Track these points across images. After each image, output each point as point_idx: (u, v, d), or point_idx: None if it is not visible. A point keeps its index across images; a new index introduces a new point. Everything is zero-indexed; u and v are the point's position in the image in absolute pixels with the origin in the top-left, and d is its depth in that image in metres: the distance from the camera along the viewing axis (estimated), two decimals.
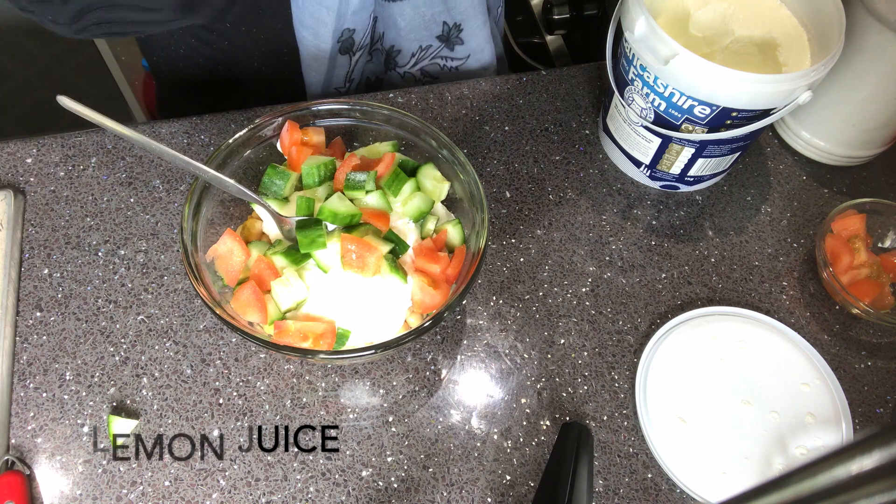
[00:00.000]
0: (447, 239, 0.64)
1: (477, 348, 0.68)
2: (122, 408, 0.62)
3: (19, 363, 0.64)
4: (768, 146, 0.85)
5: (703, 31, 0.71)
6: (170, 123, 0.79)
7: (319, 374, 0.65)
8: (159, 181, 0.75)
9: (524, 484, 0.61)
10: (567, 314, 0.70)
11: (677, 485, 0.61)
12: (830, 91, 0.76)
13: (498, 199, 0.77)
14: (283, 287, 0.57)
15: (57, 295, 0.67)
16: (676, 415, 0.63)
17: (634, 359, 0.68)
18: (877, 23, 0.68)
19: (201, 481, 0.59)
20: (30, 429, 0.61)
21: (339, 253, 0.58)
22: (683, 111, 0.67)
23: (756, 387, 0.65)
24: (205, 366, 0.65)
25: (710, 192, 0.80)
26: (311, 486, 0.60)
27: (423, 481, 0.61)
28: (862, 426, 0.66)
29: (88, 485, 0.59)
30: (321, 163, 0.62)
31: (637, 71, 0.68)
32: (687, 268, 0.75)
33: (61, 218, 0.72)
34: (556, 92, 0.86)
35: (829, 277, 0.70)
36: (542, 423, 0.64)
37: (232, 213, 0.64)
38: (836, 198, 0.81)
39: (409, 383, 0.65)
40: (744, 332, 0.68)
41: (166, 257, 0.70)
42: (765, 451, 0.62)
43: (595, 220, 0.77)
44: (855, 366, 0.69)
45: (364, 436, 0.62)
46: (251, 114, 0.80)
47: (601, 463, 0.62)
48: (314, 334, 0.56)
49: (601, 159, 0.82)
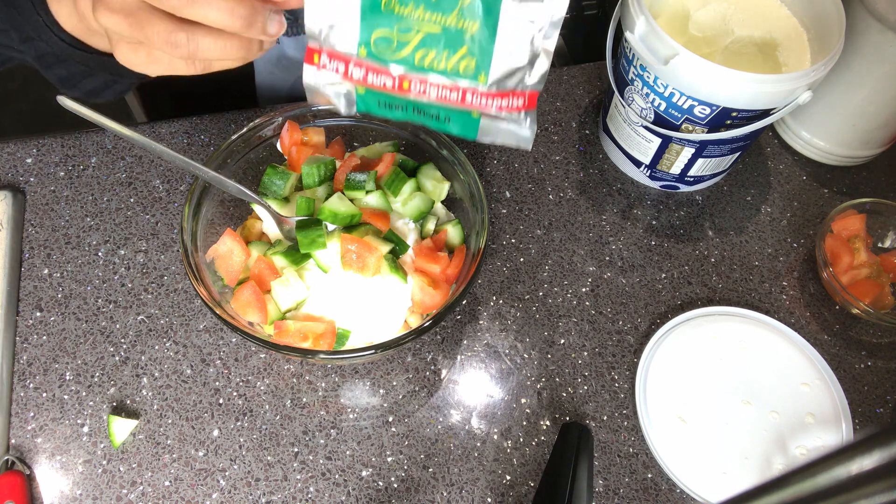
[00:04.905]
0: (447, 239, 0.64)
1: (477, 348, 0.68)
2: (122, 408, 0.62)
3: (19, 363, 0.64)
4: (768, 146, 0.85)
5: (703, 31, 0.71)
6: (170, 123, 0.79)
7: (319, 374, 0.65)
8: (159, 181, 0.75)
9: (524, 484, 0.61)
10: (567, 314, 0.70)
11: (677, 485, 0.61)
12: (830, 91, 0.76)
13: (498, 199, 0.77)
14: (283, 287, 0.57)
15: (57, 295, 0.67)
16: (676, 415, 0.63)
17: (634, 359, 0.68)
18: (877, 23, 0.68)
19: (201, 481, 0.59)
20: (30, 429, 0.61)
21: (339, 253, 0.58)
22: (683, 111, 0.67)
23: (756, 387, 0.65)
24: (205, 366, 0.65)
25: (710, 192, 0.80)
26: (311, 486, 0.60)
27: (423, 481, 0.61)
28: (862, 426, 0.66)
29: (88, 485, 0.59)
30: (321, 163, 0.62)
31: (637, 71, 0.68)
32: (687, 268, 0.75)
33: (61, 218, 0.72)
34: (556, 92, 0.86)
35: (829, 277, 0.70)
36: (542, 423, 0.64)
37: (232, 213, 0.64)
38: (836, 198, 0.81)
39: (409, 383, 0.65)
40: (744, 332, 0.68)
41: (166, 257, 0.70)
42: (765, 451, 0.62)
43: (595, 220, 0.77)
44: (855, 366, 0.69)
45: (364, 436, 0.62)
46: (251, 114, 0.80)
47: (601, 463, 0.62)
48: (314, 334, 0.56)
49: (601, 159, 0.82)
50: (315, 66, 0.45)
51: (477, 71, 0.44)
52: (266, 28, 0.40)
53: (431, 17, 0.41)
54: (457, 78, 0.44)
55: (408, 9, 0.41)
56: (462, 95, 0.45)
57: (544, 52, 0.43)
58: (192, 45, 0.40)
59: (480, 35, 0.42)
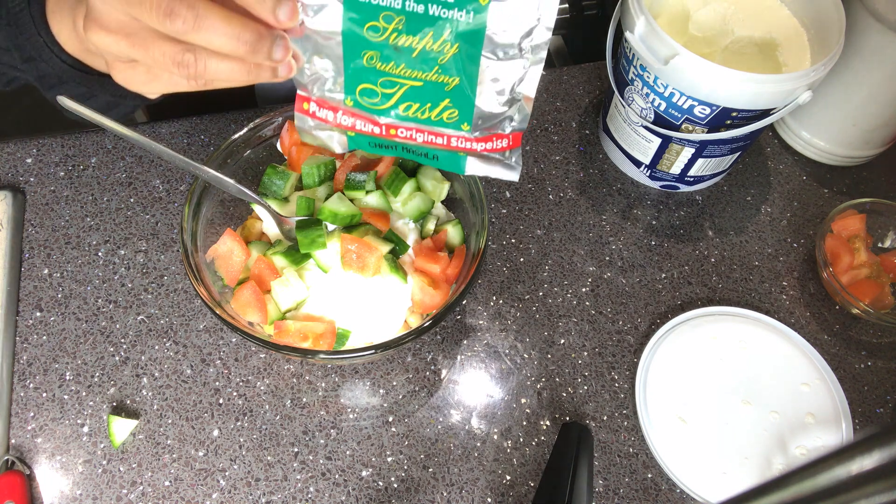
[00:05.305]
0: (447, 239, 0.64)
1: (477, 348, 0.68)
2: (122, 408, 0.62)
3: (19, 363, 0.64)
4: (768, 146, 0.85)
5: (703, 31, 0.71)
6: (170, 123, 0.79)
7: (319, 374, 0.65)
8: (159, 181, 0.75)
9: (524, 484, 0.61)
10: (567, 314, 0.70)
11: (677, 485, 0.61)
12: (830, 91, 0.76)
13: (498, 199, 0.77)
14: (283, 287, 0.57)
15: (57, 295, 0.67)
16: (676, 415, 0.63)
17: (634, 359, 0.68)
18: (877, 23, 0.68)
19: (201, 481, 0.59)
20: (30, 429, 0.61)
21: (339, 253, 0.58)
22: (683, 111, 0.67)
23: (756, 387, 0.65)
24: (205, 366, 0.65)
25: (710, 192, 0.80)
26: (311, 486, 0.60)
27: (423, 481, 0.61)
28: (862, 426, 0.66)
29: (88, 485, 0.59)
30: (321, 163, 0.62)
31: (637, 71, 0.68)
32: (687, 268, 0.75)
33: (61, 218, 0.72)
34: (556, 92, 0.86)
35: (829, 277, 0.70)
36: (542, 423, 0.64)
37: (232, 213, 0.64)
38: (836, 198, 0.81)
39: (409, 383, 0.65)
40: (744, 332, 0.68)
41: (166, 257, 0.70)
42: (765, 451, 0.62)
43: (595, 220, 0.77)
44: (855, 366, 0.69)
45: (364, 436, 0.62)
46: (251, 114, 0.80)
47: (601, 463, 0.62)
48: (314, 334, 0.56)
49: (601, 159, 0.82)
50: (305, 113, 0.46)
51: (461, 120, 0.45)
52: (272, 53, 0.39)
53: (412, 73, 0.42)
54: (441, 126, 0.45)
55: (389, 66, 0.42)
56: (448, 140, 0.46)
57: (524, 97, 0.44)
58: (199, 65, 0.39)
59: (461, 88, 0.43)
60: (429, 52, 0.41)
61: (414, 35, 0.40)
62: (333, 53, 0.42)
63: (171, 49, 0.39)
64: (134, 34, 0.40)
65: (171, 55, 0.39)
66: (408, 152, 0.48)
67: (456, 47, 0.40)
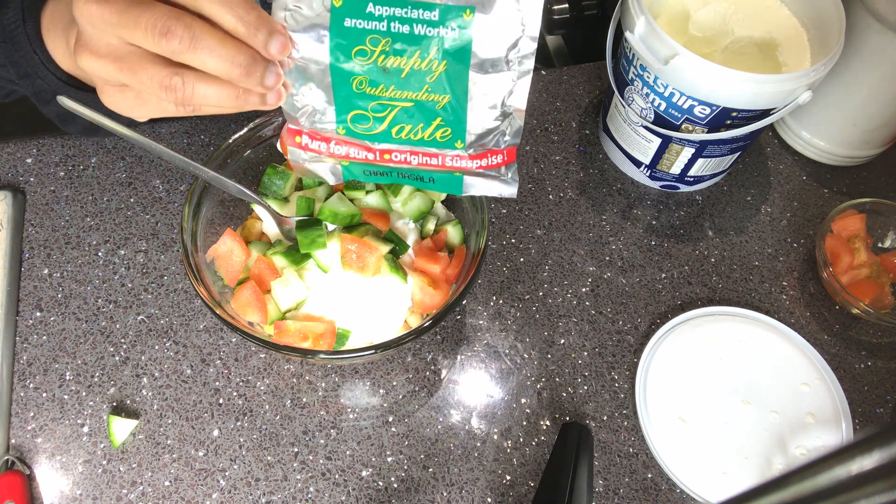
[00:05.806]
0: (447, 239, 0.64)
1: (477, 348, 0.68)
2: (122, 408, 0.62)
3: (19, 363, 0.64)
4: (768, 146, 0.85)
5: (703, 31, 0.71)
6: (170, 123, 0.79)
7: (319, 374, 0.65)
8: (159, 181, 0.75)
9: (524, 484, 0.61)
10: (567, 314, 0.70)
11: (677, 485, 0.61)
12: (830, 91, 0.76)
13: (498, 199, 0.77)
14: (283, 287, 0.57)
15: (57, 295, 0.67)
16: (676, 415, 0.63)
17: (634, 359, 0.68)
18: (877, 23, 0.68)
19: (201, 481, 0.59)
20: (30, 429, 0.61)
21: (339, 253, 0.58)
22: (683, 111, 0.67)
23: (756, 387, 0.65)
24: (205, 366, 0.65)
25: (710, 192, 0.80)
26: (311, 486, 0.60)
27: (423, 481, 0.61)
28: (862, 426, 0.66)
29: (88, 485, 0.59)
30: None
31: (637, 71, 0.68)
32: (687, 268, 0.75)
33: (61, 218, 0.72)
34: (556, 92, 0.86)
35: (829, 277, 0.70)
36: (542, 423, 0.64)
37: (232, 213, 0.64)
38: (836, 198, 0.81)
39: (409, 383, 0.65)
40: (744, 332, 0.68)
41: (166, 257, 0.70)
42: (765, 451, 0.62)
43: (595, 220, 0.77)
44: (855, 366, 0.69)
45: (364, 436, 0.62)
46: (251, 114, 0.80)
47: (601, 463, 0.62)
48: (314, 334, 0.56)
49: (601, 159, 0.82)
50: (298, 147, 0.46)
51: (454, 138, 0.45)
52: (264, 80, 0.39)
53: (402, 94, 0.42)
54: (435, 146, 0.45)
55: (379, 89, 0.42)
56: (442, 161, 0.47)
57: (516, 110, 0.44)
58: (187, 89, 0.39)
59: (452, 105, 0.43)
60: (417, 71, 0.41)
61: (401, 56, 0.40)
62: (323, 82, 0.42)
63: (160, 73, 0.38)
64: (122, 58, 0.39)
65: (160, 79, 0.38)
66: (403, 178, 0.48)
67: (444, 64, 0.40)
